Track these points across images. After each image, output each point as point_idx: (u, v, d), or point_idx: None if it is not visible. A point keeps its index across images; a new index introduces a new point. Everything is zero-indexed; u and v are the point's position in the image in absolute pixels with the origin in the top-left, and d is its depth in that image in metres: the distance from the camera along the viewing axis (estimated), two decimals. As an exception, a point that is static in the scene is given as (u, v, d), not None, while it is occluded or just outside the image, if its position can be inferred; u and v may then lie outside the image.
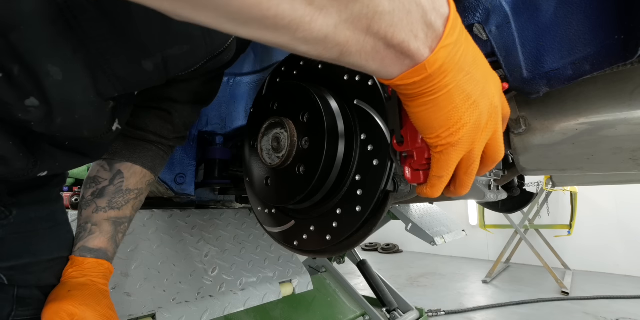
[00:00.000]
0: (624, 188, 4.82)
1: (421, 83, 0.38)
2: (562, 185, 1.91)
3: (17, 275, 0.61)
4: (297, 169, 0.70)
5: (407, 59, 0.36)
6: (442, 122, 0.41)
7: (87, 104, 0.51)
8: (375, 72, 0.37)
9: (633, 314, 3.18)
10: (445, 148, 0.43)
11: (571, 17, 0.55)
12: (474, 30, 0.65)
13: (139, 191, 0.79)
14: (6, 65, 0.43)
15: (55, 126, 0.50)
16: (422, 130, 0.43)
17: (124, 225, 0.77)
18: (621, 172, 0.79)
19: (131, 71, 0.52)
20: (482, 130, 0.43)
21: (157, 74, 0.55)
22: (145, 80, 0.56)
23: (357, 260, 2.44)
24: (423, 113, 0.41)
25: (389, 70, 0.37)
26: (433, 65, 0.36)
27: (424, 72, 0.36)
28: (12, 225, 0.60)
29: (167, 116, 0.77)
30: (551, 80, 0.59)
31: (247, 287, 1.17)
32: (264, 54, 1.20)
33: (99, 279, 0.69)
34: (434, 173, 0.46)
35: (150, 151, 0.79)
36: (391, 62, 0.36)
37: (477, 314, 3.34)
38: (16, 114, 0.46)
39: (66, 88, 0.47)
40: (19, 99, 0.45)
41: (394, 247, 7.06)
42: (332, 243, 0.68)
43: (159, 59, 0.53)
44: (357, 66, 0.36)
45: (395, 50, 0.34)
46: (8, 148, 0.49)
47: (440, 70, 0.37)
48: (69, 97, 0.48)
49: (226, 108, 1.19)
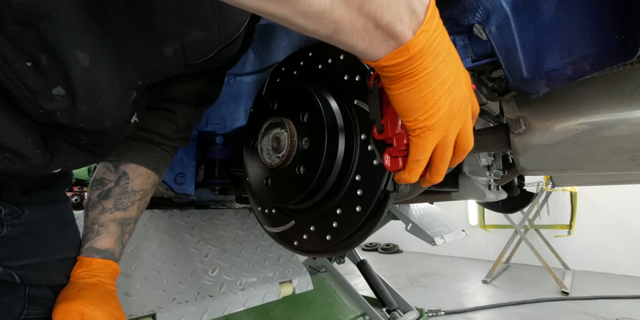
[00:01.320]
0: (624, 188, 4.82)
1: (404, 64, 0.41)
2: (562, 185, 1.91)
3: (29, 274, 0.62)
4: (297, 169, 0.70)
5: (392, 40, 0.39)
6: (421, 105, 0.44)
7: (111, 91, 0.52)
8: (363, 52, 0.41)
9: (633, 314, 3.18)
10: (422, 131, 0.46)
11: (571, 17, 0.55)
12: (473, 30, 0.65)
13: (144, 192, 0.79)
14: (35, 54, 0.44)
15: (80, 115, 0.51)
16: (402, 114, 0.46)
17: (129, 226, 0.78)
18: (621, 172, 0.79)
19: (153, 58, 0.54)
20: (455, 117, 0.47)
21: (176, 61, 0.57)
22: (165, 68, 0.58)
23: (357, 260, 2.44)
24: (404, 95, 0.44)
25: (376, 51, 0.41)
26: (415, 47, 0.40)
27: (406, 54, 0.40)
28: (24, 224, 0.61)
29: (171, 116, 0.78)
30: (551, 80, 0.59)
31: (247, 287, 1.17)
32: (264, 54, 1.20)
33: (107, 279, 0.70)
34: (412, 157, 0.49)
35: (154, 153, 0.79)
36: (378, 42, 0.39)
37: (477, 314, 3.34)
38: (43, 103, 0.47)
39: (92, 74, 0.48)
40: (46, 88, 0.46)
41: (394, 247, 7.06)
42: (332, 243, 0.68)
43: (177, 45, 0.55)
44: (348, 45, 0.40)
45: (382, 30, 0.38)
46: (27, 145, 0.50)
47: (421, 53, 0.40)
48: (94, 84, 0.49)
49: (226, 108, 1.19)
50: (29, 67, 0.44)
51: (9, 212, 0.58)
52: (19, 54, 0.43)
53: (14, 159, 0.50)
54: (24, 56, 0.44)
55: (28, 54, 0.44)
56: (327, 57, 0.73)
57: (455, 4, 0.66)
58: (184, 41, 0.55)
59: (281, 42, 1.16)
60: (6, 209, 0.58)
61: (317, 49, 0.77)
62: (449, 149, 0.50)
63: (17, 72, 0.44)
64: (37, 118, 0.50)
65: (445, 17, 0.68)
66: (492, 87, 0.74)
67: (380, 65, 0.42)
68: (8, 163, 0.50)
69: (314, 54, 0.77)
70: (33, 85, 0.46)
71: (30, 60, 0.44)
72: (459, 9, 0.65)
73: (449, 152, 0.50)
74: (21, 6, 0.41)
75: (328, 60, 0.73)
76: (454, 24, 0.69)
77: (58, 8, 0.42)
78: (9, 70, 0.44)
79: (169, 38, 0.53)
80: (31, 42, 0.43)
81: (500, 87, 0.73)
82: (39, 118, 0.50)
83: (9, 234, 0.58)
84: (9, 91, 0.45)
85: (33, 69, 0.45)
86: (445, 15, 0.68)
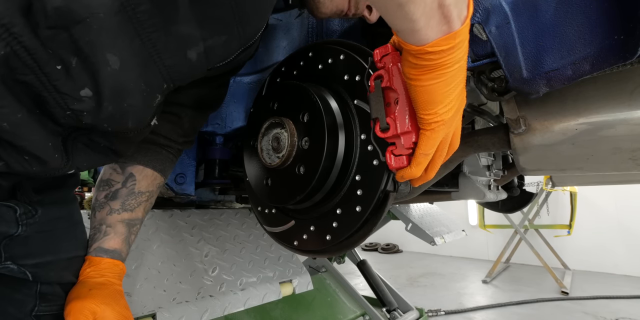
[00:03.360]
0: (624, 188, 4.82)
1: (445, 53, 0.44)
2: (562, 185, 1.91)
3: (41, 272, 0.63)
4: (297, 169, 0.70)
5: (445, 25, 0.43)
6: (443, 98, 0.47)
7: (137, 93, 0.54)
8: (419, 30, 0.43)
9: (632, 314, 3.18)
10: (437, 125, 0.49)
11: (571, 17, 0.55)
12: (473, 30, 0.65)
13: (150, 193, 0.81)
14: (66, 58, 0.45)
15: (105, 115, 0.52)
16: (423, 106, 0.49)
17: (136, 227, 0.79)
18: (621, 172, 0.79)
19: (177, 61, 0.55)
20: (460, 115, 0.51)
21: (200, 64, 0.59)
22: (190, 71, 0.59)
23: (357, 260, 2.44)
24: (434, 86, 0.47)
25: (430, 32, 0.43)
26: (459, 36, 0.43)
27: (452, 42, 0.43)
28: (37, 224, 0.62)
29: (177, 120, 0.79)
30: (551, 81, 0.59)
31: (247, 287, 1.17)
32: (264, 54, 1.20)
33: (115, 279, 0.71)
34: (421, 151, 0.52)
35: (160, 155, 0.81)
36: (435, 23, 0.43)
37: (477, 313, 3.34)
38: (71, 104, 0.49)
39: (121, 76, 0.50)
40: (74, 89, 0.48)
41: (394, 247, 7.06)
42: (332, 243, 0.68)
43: (201, 49, 0.57)
44: (411, 18, 0.42)
45: (442, 11, 0.42)
46: (47, 150, 0.52)
47: (460, 44, 0.44)
48: (122, 86, 0.51)
49: (226, 108, 1.19)
50: (59, 70, 0.46)
51: (23, 212, 0.59)
52: (51, 57, 0.45)
53: (32, 162, 0.52)
54: (55, 59, 0.45)
55: (59, 57, 0.45)
56: (327, 57, 0.73)
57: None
58: (206, 44, 0.56)
59: (281, 42, 1.16)
60: (21, 208, 0.59)
61: (317, 49, 0.77)
62: (447, 146, 0.53)
63: (48, 74, 0.45)
64: (64, 120, 0.51)
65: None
66: (492, 87, 0.74)
67: (425, 51, 0.44)
68: (26, 165, 0.52)
69: (314, 54, 0.77)
70: (62, 87, 0.47)
71: (61, 63, 0.45)
72: (458, 9, 0.65)
73: (446, 149, 0.54)
74: (57, 12, 0.42)
75: (328, 60, 0.73)
76: (454, 24, 0.69)
77: (93, 12, 0.44)
78: (40, 72, 0.45)
79: (193, 41, 0.55)
80: (63, 46, 0.44)
81: (500, 87, 0.73)
82: (65, 120, 0.51)
83: (23, 233, 0.60)
84: (39, 93, 0.47)
85: (63, 71, 0.46)
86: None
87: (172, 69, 0.56)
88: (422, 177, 0.57)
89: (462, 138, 0.91)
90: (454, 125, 0.52)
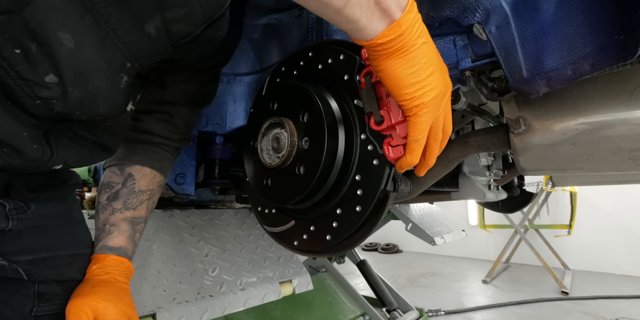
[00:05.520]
0: (624, 188, 4.82)
1: (396, 40, 0.48)
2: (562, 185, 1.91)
3: (35, 269, 0.62)
4: (297, 169, 0.70)
5: (387, 17, 0.47)
6: (413, 79, 0.50)
7: (99, 74, 0.53)
8: (363, 28, 0.47)
9: (632, 314, 3.18)
10: (419, 109, 0.51)
11: (571, 17, 0.55)
12: (473, 30, 0.65)
13: (151, 192, 0.81)
14: (24, 42, 0.45)
15: (73, 101, 0.52)
16: (398, 92, 0.51)
17: (140, 225, 0.80)
18: (621, 172, 0.79)
19: (135, 37, 0.54)
20: (443, 99, 0.53)
21: (161, 40, 0.57)
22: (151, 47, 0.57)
23: (357, 260, 2.44)
24: (397, 70, 0.50)
25: (375, 27, 0.47)
26: (404, 24, 0.48)
27: (397, 30, 0.48)
28: (30, 219, 0.61)
29: (168, 118, 0.80)
30: (551, 80, 0.59)
31: (247, 287, 1.17)
32: (264, 54, 1.20)
33: (121, 277, 0.71)
34: (411, 137, 0.54)
35: (156, 153, 0.82)
36: (377, 18, 0.47)
37: (477, 313, 3.34)
38: (38, 91, 0.49)
39: (78, 56, 0.49)
40: (38, 75, 0.48)
41: (394, 247, 7.06)
42: (332, 243, 0.68)
43: (159, 22, 0.55)
44: (352, 20, 0.46)
45: (380, 7, 0.46)
46: (22, 139, 0.52)
47: (409, 30, 0.48)
48: (81, 66, 0.50)
49: (226, 108, 1.19)
50: (18, 54, 0.46)
51: (13, 207, 0.59)
52: (7, 41, 0.45)
53: (12, 153, 0.52)
54: (11, 43, 0.45)
55: (17, 41, 0.45)
56: (327, 57, 0.73)
57: (455, 4, 0.66)
58: (165, 17, 0.55)
59: (281, 42, 1.16)
60: (10, 204, 0.59)
61: (317, 49, 0.77)
62: (440, 130, 0.56)
63: (7, 59, 0.45)
64: (36, 110, 0.51)
65: (445, 17, 0.68)
66: (492, 87, 0.74)
67: (376, 43, 0.49)
68: (7, 158, 0.52)
69: (314, 54, 0.77)
70: (24, 73, 0.47)
71: (19, 47, 0.45)
72: (458, 9, 0.65)
73: (440, 134, 0.56)
74: None
75: (328, 60, 0.73)
76: (454, 24, 0.69)
77: None
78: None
79: (148, 14, 0.53)
80: (19, 30, 0.44)
81: (500, 87, 0.73)
82: (37, 110, 0.51)
83: (14, 228, 0.59)
84: (3, 81, 0.47)
85: (22, 56, 0.46)
86: (445, 15, 0.68)
87: (132, 46, 0.54)
88: (422, 164, 0.59)
89: (462, 138, 0.91)
90: (441, 109, 0.53)
